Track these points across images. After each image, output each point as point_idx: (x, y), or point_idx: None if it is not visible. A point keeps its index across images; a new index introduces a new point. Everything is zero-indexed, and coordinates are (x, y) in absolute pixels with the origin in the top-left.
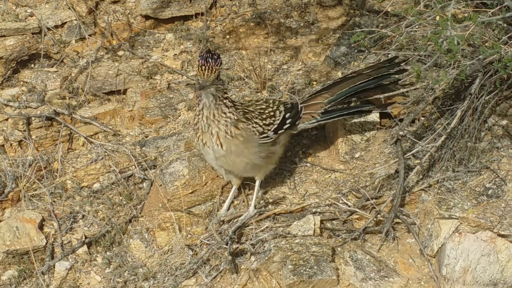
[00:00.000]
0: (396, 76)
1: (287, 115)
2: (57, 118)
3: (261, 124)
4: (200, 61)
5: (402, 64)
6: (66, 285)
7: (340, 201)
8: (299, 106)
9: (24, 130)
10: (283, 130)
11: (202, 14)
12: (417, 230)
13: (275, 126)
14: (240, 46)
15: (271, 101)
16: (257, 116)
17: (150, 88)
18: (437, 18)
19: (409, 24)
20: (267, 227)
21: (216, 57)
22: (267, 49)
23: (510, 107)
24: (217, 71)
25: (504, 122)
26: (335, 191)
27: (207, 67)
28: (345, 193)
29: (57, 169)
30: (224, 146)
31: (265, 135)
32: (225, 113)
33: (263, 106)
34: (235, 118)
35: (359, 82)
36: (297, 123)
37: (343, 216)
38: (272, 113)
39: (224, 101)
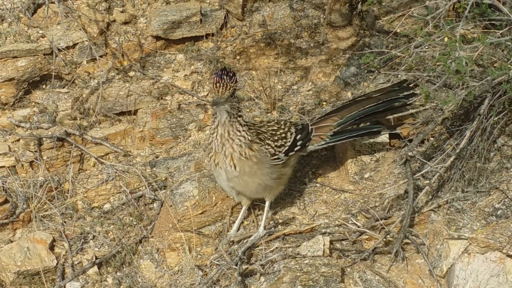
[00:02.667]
0: (406, 101)
1: (298, 136)
2: (68, 138)
3: (273, 145)
4: (215, 78)
5: (412, 89)
6: None
7: (350, 222)
8: (310, 128)
9: (36, 151)
10: (293, 152)
11: (213, 34)
12: (426, 251)
13: (286, 148)
14: (250, 66)
15: (282, 122)
16: (269, 137)
17: (161, 108)
18: (446, 39)
19: (418, 45)
20: (276, 247)
21: (231, 74)
22: (277, 69)
23: None
24: (231, 89)
25: None
26: (344, 212)
27: (221, 84)
28: (355, 214)
29: (68, 190)
30: (237, 167)
31: (276, 156)
32: (239, 131)
33: (275, 127)
34: (249, 138)
35: (368, 106)
36: (307, 145)
37: (352, 236)
38: (283, 135)
39: (238, 119)
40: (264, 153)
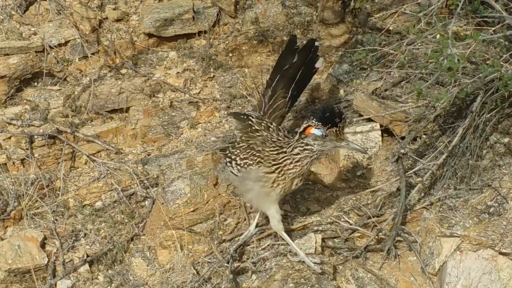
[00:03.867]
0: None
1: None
2: (60, 136)
3: None
4: (342, 123)
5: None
6: None
7: (342, 219)
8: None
9: (27, 149)
10: None
11: (205, 32)
12: (418, 248)
13: None
14: (242, 64)
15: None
16: None
17: (153, 106)
18: (438, 36)
19: (410, 42)
20: (268, 245)
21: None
22: (269, 67)
23: None
24: None
25: (506, 140)
26: (336, 209)
27: (344, 126)
28: (347, 211)
29: (60, 188)
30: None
31: None
32: None
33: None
34: None
35: (298, 77)
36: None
37: (344, 234)
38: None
39: None
40: None
